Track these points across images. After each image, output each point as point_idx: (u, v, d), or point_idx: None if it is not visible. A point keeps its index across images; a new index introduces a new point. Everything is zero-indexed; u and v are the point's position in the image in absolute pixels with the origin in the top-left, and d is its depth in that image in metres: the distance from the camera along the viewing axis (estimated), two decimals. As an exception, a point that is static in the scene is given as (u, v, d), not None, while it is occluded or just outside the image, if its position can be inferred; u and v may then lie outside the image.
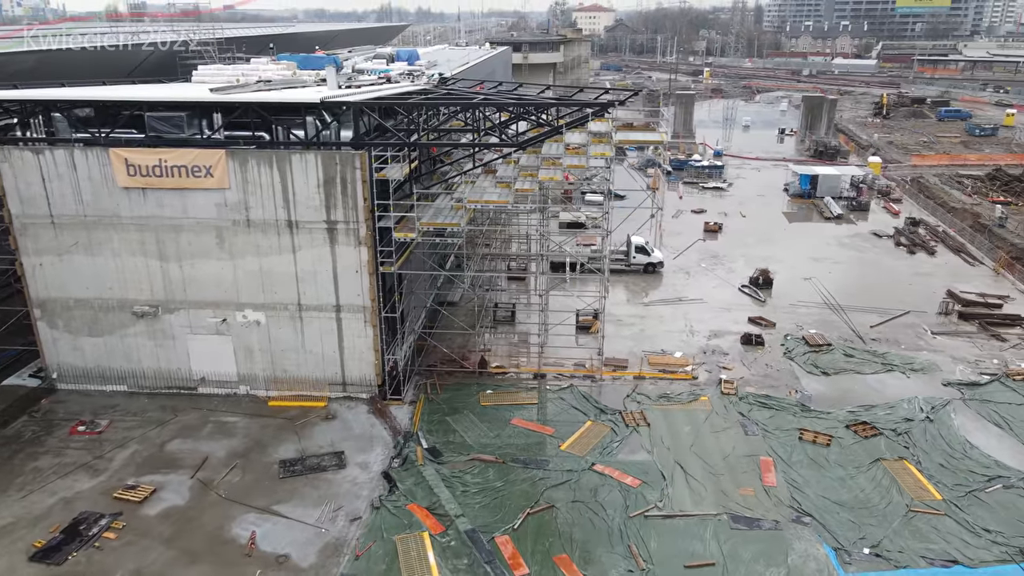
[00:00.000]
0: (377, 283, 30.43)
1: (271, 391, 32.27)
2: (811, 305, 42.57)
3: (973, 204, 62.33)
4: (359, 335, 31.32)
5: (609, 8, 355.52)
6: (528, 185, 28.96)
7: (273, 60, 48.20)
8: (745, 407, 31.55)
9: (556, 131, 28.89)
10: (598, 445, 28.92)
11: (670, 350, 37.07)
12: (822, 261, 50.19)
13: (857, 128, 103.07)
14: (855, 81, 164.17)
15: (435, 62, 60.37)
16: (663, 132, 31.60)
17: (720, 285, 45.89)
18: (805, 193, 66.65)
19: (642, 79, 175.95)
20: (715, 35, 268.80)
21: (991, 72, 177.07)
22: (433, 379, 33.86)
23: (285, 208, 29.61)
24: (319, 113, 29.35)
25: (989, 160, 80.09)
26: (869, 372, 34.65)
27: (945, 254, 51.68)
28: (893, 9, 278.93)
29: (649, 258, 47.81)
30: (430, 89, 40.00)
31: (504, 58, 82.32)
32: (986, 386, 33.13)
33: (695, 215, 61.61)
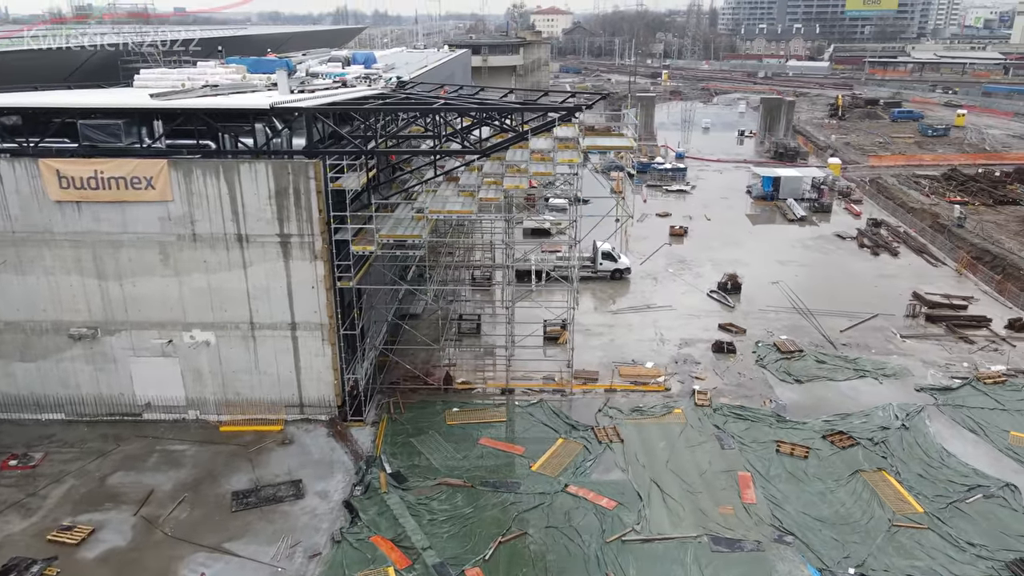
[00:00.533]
0: (335, 299, 28.76)
1: (223, 415, 30.30)
2: (780, 310, 42.05)
3: (931, 204, 62.94)
4: (316, 354, 29.59)
5: (566, 11, 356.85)
6: (492, 194, 27.62)
7: (222, 64, 46.10)
8: (720, 419, 30.66)
9: (521, 137, 27.62)
10: (571, 464, 27.69)
11: (641, 360, 36.08)
12: (788, 264, 49.88)
13: (814, 129, 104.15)
14: (809, 83, 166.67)
15: (393, 65, 58.71)
16: (631, 137, 30.48)
17: (688, 291, 45.16)
18: (768, 195, 66.63)
19: (601, 81, 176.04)
20: (672, 38, 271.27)
21: (939, 73, 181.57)
22: (396, 397, 32.27)
23: (234, 221, 27.75)
24: (269, 120, 27.57)
25: (944, 160, 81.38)
26: (842, 379, 34.12)
27: (908, 255, 51.86)
28: (843, 12, 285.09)
29: (616, 264, 46.86)
30: (388, 93, 38.38)
31: (463, 61, 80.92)
32: (958, 390, 32.83)
33: (660, 219, 61.00)
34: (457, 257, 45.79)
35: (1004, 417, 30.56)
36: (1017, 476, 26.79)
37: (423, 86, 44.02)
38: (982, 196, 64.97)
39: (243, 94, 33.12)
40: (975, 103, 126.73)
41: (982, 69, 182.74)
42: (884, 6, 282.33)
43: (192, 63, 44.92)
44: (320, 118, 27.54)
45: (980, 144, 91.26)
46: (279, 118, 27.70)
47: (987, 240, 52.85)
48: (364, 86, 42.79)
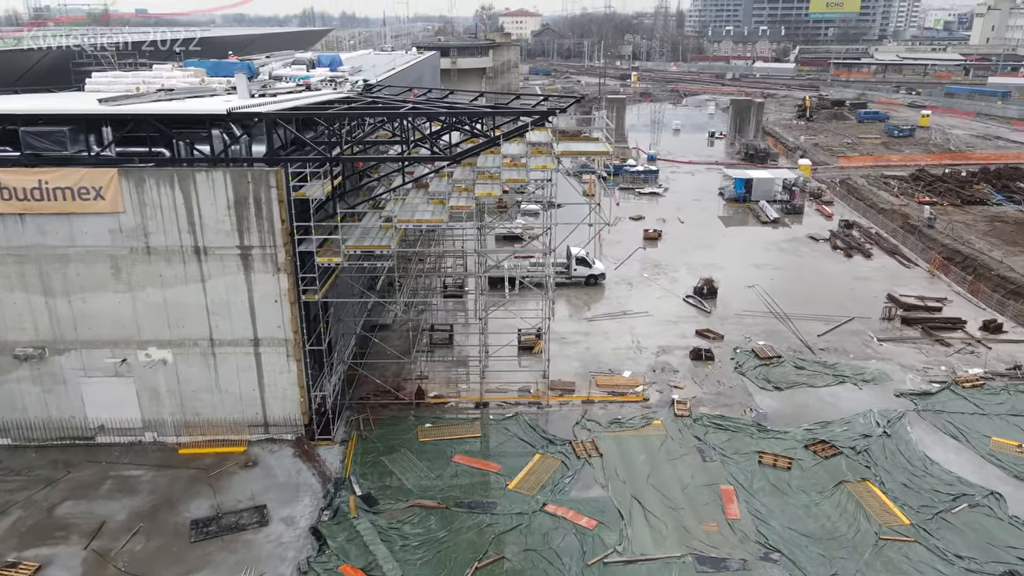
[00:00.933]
0: (300, 313, 27.40)
1: (182, 437, 28.75)
2: (757, 314, 41.55)
3: (901, 205, 63.25)
4: (281, 371, 28.18)
5: (535, 13, 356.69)
6: (464, 201, 26.52)
7: (179, 66, 44.34)
8: (700, 430, 29.89)
9: (493, 142, 26.56)
10: (549, 481, 26.67)
11: (618, 369, 35.24)
12: (763, 267, 49.50)
13: (783, 130, 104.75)
14: (776, 84, 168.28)
15: (359, 68, 57.27)
16: (605, 141, 29.58)
17: (664, 296, 44.48)
18: (740, 197, 66.43)
19: (571, 83, 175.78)
20: (640, 40, 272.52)
21: (901, 74, 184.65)
22: (366, 414, 30.97)
23: (191, 233, 26.26)
24: (226, 126, 26.15)
25: (911, 160, 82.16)
26: (821, 385, 33.61)
27: (881, 256, 51.84)
28: (807, 15, 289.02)
29: (590, 270, 46.04)
30: (354, 97, 37.04)
31: (432, 63, 79.62)
32: (937, 395, 32.50)
33: (634, 222, 60.38)
34: (428, 264, 44.54)
35: (984, 422, 30.25)
36: (1001, 483, 26.41)
37: (390, 89, 42.72)
38: (950, 196, 65.50)
39: (200, 98, 31.58)
40: (938, 104, 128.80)
41: (943, 70, 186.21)
42: (847, 8, 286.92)
43: (148, 66, 43.08)
44: (281, 124, 26.18)
45: (945, 144, 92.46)
46: (237, 124, 26.30)
47: (957, 241, 53.10)
48: (329, 89, 41.42)
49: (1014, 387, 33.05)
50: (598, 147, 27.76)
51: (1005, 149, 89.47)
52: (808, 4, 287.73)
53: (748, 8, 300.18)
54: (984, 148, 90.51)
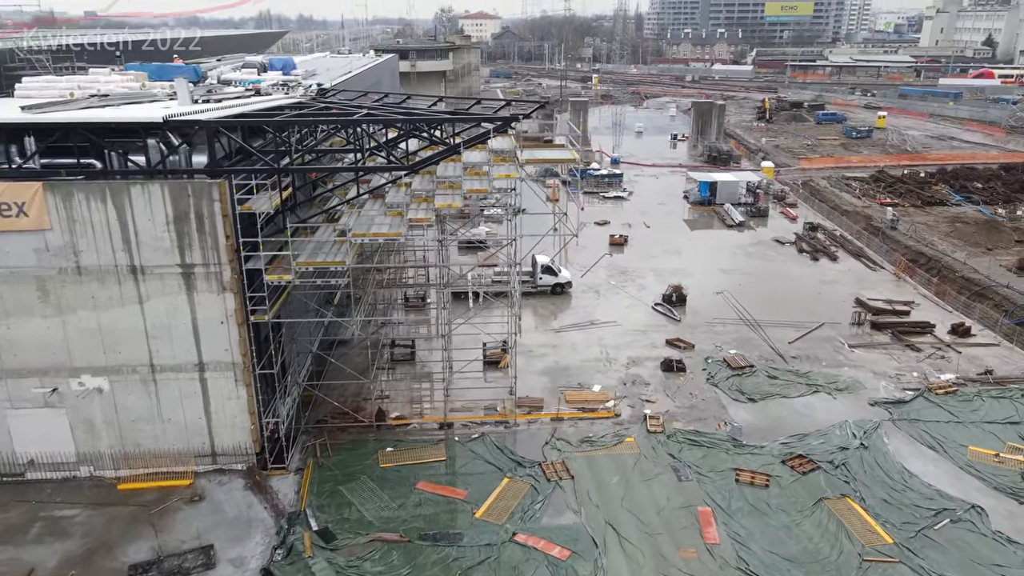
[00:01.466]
0: (248, 334, 25.51)
1: (121, 471, 26.59)
2: (727, 322, 40.71)
3: (864, 207, 63.39)
4: (229, 396, 26.24)
5: (495, 16, 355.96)
6: (423, 213, 24.95)
7: (119, 70, 41.90)
8: (675, 447, 28.75)
9: (452, 150, 25.05)
10: (518, 508, 25.23)
11: (588, 383, 33.98)
12: (731, 272, 48.81)
13: (744, 132, 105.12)
14: (735, 86, 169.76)
15: (314, 71, 55.20)
16: (570, 147, 28.27)
17: (632, 304, 43.42)
18: (705, 200, 65.93)
19: (532, 86, 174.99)
20: (600, 42, 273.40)
21: (855, 76, 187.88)
22: (323, 438, 29.14)
23: (126, 251, 24.22)
24: (163, 135, 24.17)
25: (870, 162, 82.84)
26: (795, 395, 32.80)
27: (847, 259, 51.61)
28: (762, 17, 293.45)
29: (557, 278, 44.78)
30: (306, 102, 35.21)
31: (390, 66, 77.72)
32: (911, 403, 31.92)
33: (599, 227, 59.36)
34: (389, 275, 42.74)
35: (960, 431, 29.70)
36: (981, 495, 25.78)
37: (346, 94, 40.86)
38: (910, 197, 65.91)
39: (137, 105, 29.48)
40: (893, 105, 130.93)
41: (895, 72, 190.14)
42: (800, 12, 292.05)
43: (84, 70, 40.59)
44: (224, 132, 24.29)
45: (902, 145, 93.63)
46: (176, 132, 24.32)
47: (920, 242, 53.19)
48: (280, 94, 39.46)
49: (986, 393, 32.64)
50: (564, 154, 26.43)
51: (959, 149, 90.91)
52: (763, 7, 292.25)
53: (705, 11, 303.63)
54: (940, 149, 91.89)
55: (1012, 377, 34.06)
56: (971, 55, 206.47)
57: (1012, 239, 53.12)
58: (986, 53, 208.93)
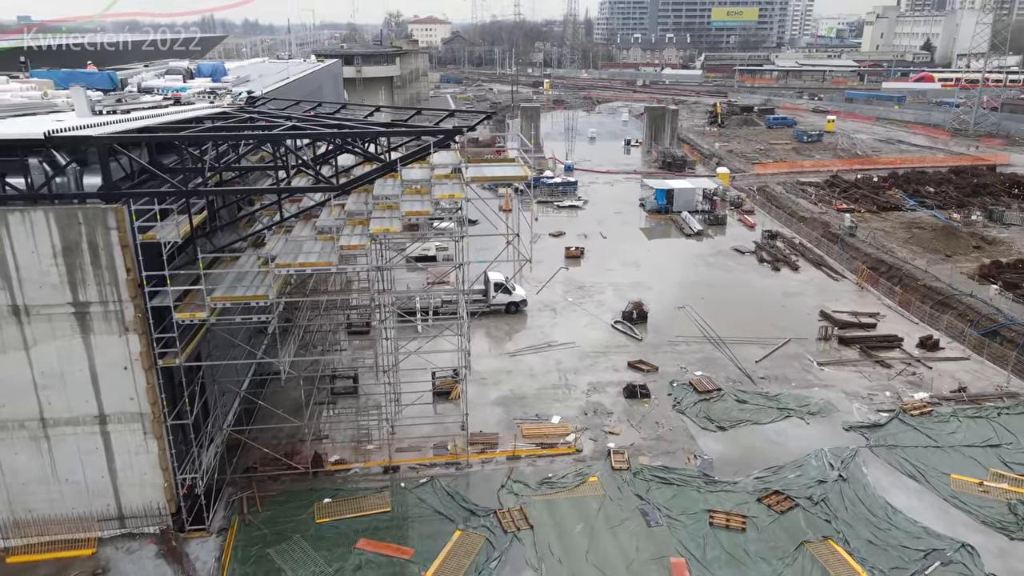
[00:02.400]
0: (157, 380, 22.21)
1: (10, 541, 22.99)
2: (691, 340, 38.66)
3: (820, 213, 62.46)
4: (138, 451, 22.87)
5: (445, 20, 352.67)
6: (356, 240, 22.06)
7: (21, 77, 37.98)
8: (642, 485, 26.37)
9: (388, 168, 22.22)
10: (471, 567, 22.49)
11: (546, 414, 31.43)
12: (692, 285, 46.92)
13: (697, 137, 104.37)
14: (686, 90, 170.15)
15: (247, 78, 51.69)
16: (524, 163, 25.74)
17: (591, 322, 41.08)
18: (662, 208, 64.21)
19: (483, 91, 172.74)
20: (550, 47, 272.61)
21: (801, 80, 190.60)
22: (252, 491, 25.91)
23: (6, 289, 20.73)
24: (48, 153, 20.77)
25: (823, 166, 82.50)
26: (766, 421, 30.80)
27: (808, 269, 50.26)
28: (709, 22, 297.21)
29: (511, 296, 42.17)
30: (231, 112, 31.95)
31: (333, 72, 74.25)
32: (887, 426, 30.21)
33: (554, 239, 57.00)
34: (329, 298, 39.52)
35: (940, 457, 28.03)
36: (969, 531, 24.02)
37: (279, 103, 37.63)
38: (866, 202, 65.33)
39: (29, 117, 25.89)
40: (840, 108, 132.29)
41: (840, 76, 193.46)
42: (746, 17, 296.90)
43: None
44: (121, 149, 21.00)
45: (852, 149, 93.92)
46: (63, 150, 20.94)
47: (880, 250, 52.21)
48: (204, 103, 36.16)
49: (962, 412, 31.18)
50: (515, 171, 23.82)
51: (908, 153, 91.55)
52: (710, 12, 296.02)
53: (654, 16, 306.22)
54: (889, 152, 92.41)
55: (986, 394, 32.70)
56: (911, 59, 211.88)
57: (970, 245, 52.56)
58: (925, 57, 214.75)
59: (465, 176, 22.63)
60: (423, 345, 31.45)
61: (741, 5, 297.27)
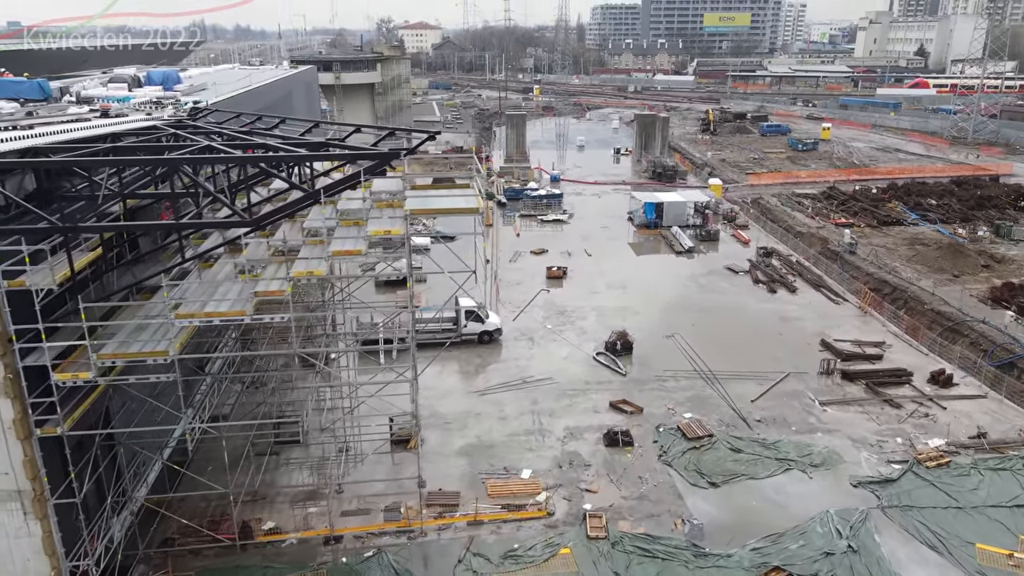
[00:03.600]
0: (36, 452, 18.52)
1: None
2: (680, 375, 35.13)
3: (818, 228, 59.16)
4: (18, 534, 19.15)
5: (436, 26, 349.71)
6: (276, 285, 18.47)
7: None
8: (621, 559, 22.81)
9: (311, 198, 18.63)
10: (417, 672, 18.86)
11: (516, 466, 27.86)
12: (682, 310, 43.41)
13: (689, 145, 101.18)
14: (678, 96, 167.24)
15: (203, 86, 47.94)
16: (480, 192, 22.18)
17: (571, 354, 37.52)
18: (651, 223, 60.77)
19: (472, 97, 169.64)
20: (542, 53, 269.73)
21: (795, 86, 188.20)
22: (166, 570, 22.24)
23: None
24: None
25: (819, 176, 79.35)
26: (764, 475, 27.27)
27: (806, 290, 46.81)
28: (701, 28, 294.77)
29: (484, 325, 38.57)
30: (160, 127, 28.28)
31: (305, 79, 70.52)
32: (900, 481, 26.72)
33: (535, 257, 53.48)
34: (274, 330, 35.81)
35: (962, 521, 24.56)
36: (1002, 619, 20.55)
37: (225, 115, 33.97)
38: (865, 216, 62.08)
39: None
40: (834, 116, 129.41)
41: (833, 82, 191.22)
42: (738, 22, 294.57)
43: None
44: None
45: (848, 158, 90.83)
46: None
47: (883, 269, 48.89)
48: (139, 115, 32.54)
49: (983, 463, 27.72)
50: (466, 202, 20.18)
51: (907, 162, 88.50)
52: (702, 18, 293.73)
53: (646, 21, 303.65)
54: (886, 161, 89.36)
55: (1008, 441, 29.25)
56: (905, 65, 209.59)
57: (978, 264, 49.27)
58: (919, 63, 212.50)
59: (405, 207, 19.07)
60: (383, 387, 27.76)
61: (733, 10, 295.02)
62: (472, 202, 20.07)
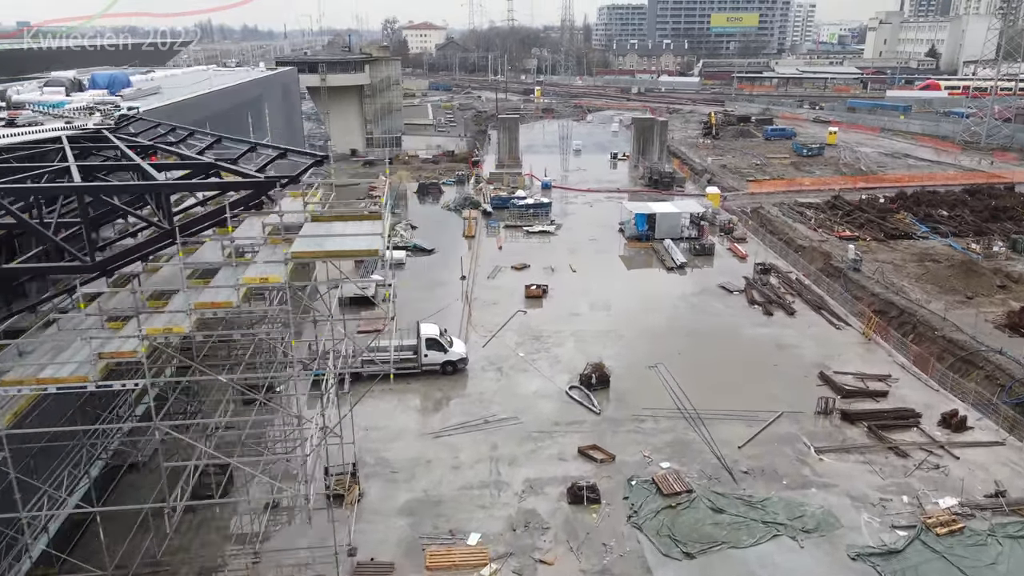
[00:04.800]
0: None
1: None
2: (660, 414, 31.54)
3: (820, 241, 55.40)
4: None
5: (442, 27, 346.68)
6: (130, 345, 15.02)
7: None
8: (573, 656, 19.27)
9: (165, 238, 15.15)
10: None
11: (464, 528, 24.38)
12: (669, 335, 39.79)
13: (689, 150, 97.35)
14: (682, 98, 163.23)
15: (156, 90, 44.90)
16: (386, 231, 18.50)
17: (542, 388, 34.00)
18: (642, 235, 57.14)
19: (471, 99, 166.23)
20: (546, 53, 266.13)
21: (802, 88, 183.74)
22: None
23: None
24: None
25: (824, 184, 75.43)
26: (748, 542, 23.67)
27: (806, 312, 43.09)
28: (708, 28, 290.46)
29: (446, 355, 35.07)
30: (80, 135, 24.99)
31: (281, 81, 67.31)
32: (906, 552, 23.10)
33: (516, 272, 49.95)
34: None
35: (980, 607, 20.93)
36: None
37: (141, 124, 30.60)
38: (871, 228, 58.24)
39: None
40: (842, 119, 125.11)
41: (841, 83, 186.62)
42: (746, 23, 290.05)
43: None
44: None
45: (855, 164, 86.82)
46: None
47: (889, 288, 45.13)
48: (58, 123, 29.55)
49: (1001, 529, 24.06)
50: (365, 242, 16.44)
51: (917, 169, 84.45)
52: (709, 18, 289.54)
53: (652, 22, 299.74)
54: (895, 167, 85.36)
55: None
56: (915, 66, 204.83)
57: (994, 284, 45.36)
58: (930, 64, 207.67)
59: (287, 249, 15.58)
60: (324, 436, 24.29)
61: (741, 11, 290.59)
62: (372, 243, 16.46)
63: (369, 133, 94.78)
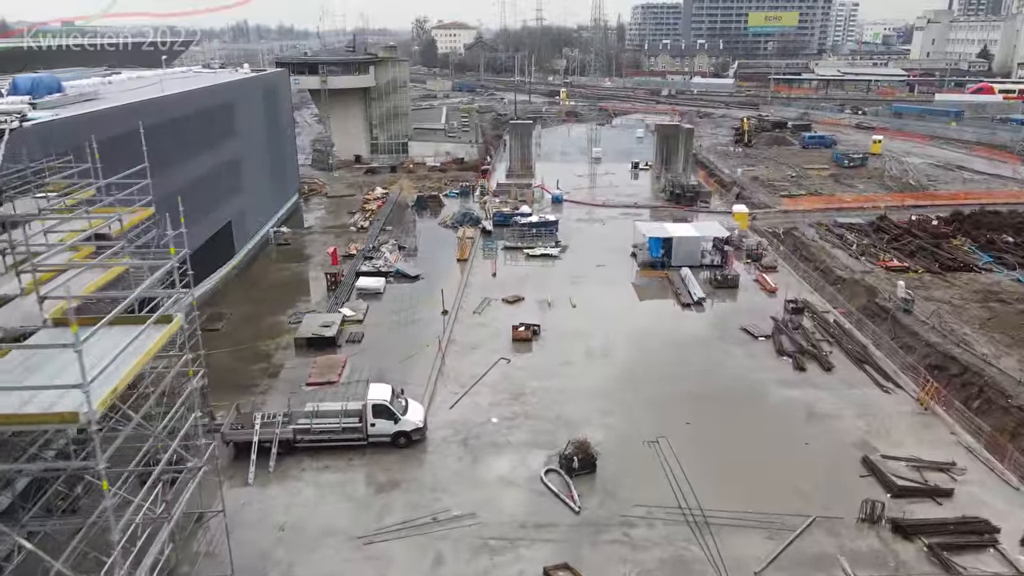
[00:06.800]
0: None
1: None
2: (656, 515, 24.80)
3: (864, 272, 47.84)
4: None
5: (474, 26, 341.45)
6: None
7: None
8: None
9: None
10: None
11: None
12: (676, 399, 32.91)
13: (718, 159, 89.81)
14: (714, 101, 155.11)
15: (93, 95, 39.42)
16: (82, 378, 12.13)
17: (514, 470, 27.50)
18: (657, 262, 50.27)
19: (494, 100, 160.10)
20: (577, 53, 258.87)
21: (844, 91, 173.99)
22: None
23: None
24: None
25: (867, 201, 67.49)
26: None
27: (846, 366, 35.89)
28: (746, 28, 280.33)
29: (398, 425, 28.72)
30: None
31: (267, 85, 61.64)
32: None
33: (508, 306, 43.54)
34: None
35: None
36: None
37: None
38: (923, 257, 50.51)
39: None
40: (887, 125, 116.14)
41: (886, 86, 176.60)
42: (785, 22, 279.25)
43: None
44: None
45: (903, 178, 78.47)
46: None
47: (948, 337, 37.60)
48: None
49: None
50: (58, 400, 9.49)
51: (973, 184, 75.87)
52: (747, 17, 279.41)
53: (687, 21, 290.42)
54: (948, 182, 76.87)
55: None
56: (966, 68, 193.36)
57: (1078, 334, 37.63)
58: (982, 66, 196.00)
59: None
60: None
61: (780, 9, 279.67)
62: (69, 401, 9.75)
63: (374, 138, 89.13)
